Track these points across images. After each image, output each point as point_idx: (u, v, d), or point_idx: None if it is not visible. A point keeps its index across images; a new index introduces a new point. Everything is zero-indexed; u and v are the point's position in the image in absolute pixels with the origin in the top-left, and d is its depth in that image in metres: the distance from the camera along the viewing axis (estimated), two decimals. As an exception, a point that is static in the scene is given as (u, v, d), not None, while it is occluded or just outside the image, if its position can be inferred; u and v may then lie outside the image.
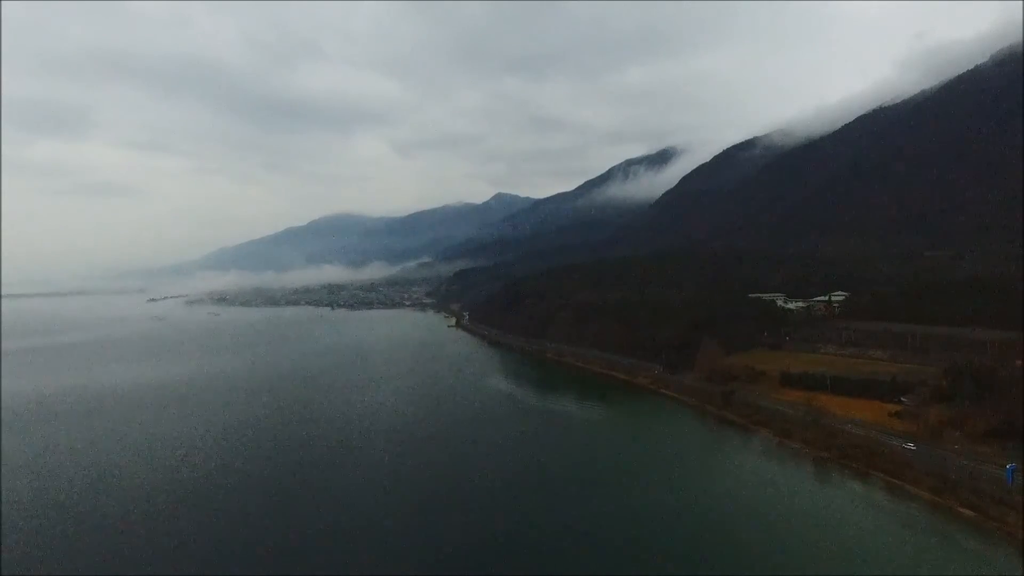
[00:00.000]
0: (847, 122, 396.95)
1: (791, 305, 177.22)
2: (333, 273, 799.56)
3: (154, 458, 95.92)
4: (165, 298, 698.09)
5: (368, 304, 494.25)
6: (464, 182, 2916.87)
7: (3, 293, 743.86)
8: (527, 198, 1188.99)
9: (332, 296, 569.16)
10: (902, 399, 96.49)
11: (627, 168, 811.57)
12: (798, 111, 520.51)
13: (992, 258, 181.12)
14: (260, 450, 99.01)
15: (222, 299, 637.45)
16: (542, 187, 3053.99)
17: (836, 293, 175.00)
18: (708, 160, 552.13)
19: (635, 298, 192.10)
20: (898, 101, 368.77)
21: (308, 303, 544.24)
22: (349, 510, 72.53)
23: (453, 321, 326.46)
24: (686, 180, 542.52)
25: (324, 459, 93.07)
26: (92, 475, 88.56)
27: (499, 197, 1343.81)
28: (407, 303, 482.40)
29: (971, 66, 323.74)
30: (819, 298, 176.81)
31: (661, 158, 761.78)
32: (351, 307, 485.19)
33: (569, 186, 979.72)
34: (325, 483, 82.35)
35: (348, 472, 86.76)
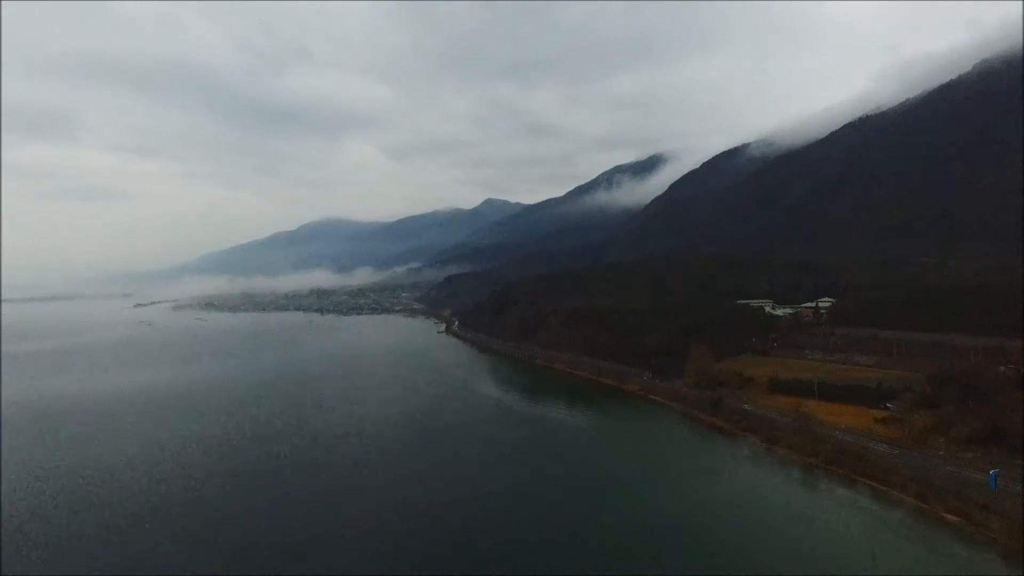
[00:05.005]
0: (833, 130, 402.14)
1: (779, 311, 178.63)
2: (322, 278, 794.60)
3: (139, 464, 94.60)
4: (152, 303, 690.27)
5: (357, 310, 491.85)
6: (454, 187, 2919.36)
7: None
8: (517, 204, 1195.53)
9: (321, 301, 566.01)
10: (888, 405, 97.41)
11: (616, 174, 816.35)
12: (785, 118, 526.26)
13: (976, 265, 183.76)
14: (246, 457, 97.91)
15: (209, 304, 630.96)
16: (532, 193, 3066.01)
17: (823, 299, 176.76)
18: (697, 167, 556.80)
19: (625, 304, 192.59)
20: (883, 110, 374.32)
21: (297, 308, 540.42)
22: (333, 519, 71.85)
23: (443, 327, 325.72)
24: (675, 186, 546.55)
25: (312, 468, 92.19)
26: (75, 482, 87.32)
27: (489, 202, 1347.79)
28: (397, 308, 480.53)
29: (954, 76, 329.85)
30: (806, 304, 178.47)
31: (650, 164, 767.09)
32: (340, 313, 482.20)
33: (559, 192, 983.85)
34: (313, 491, 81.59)
35: (335, 481, 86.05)
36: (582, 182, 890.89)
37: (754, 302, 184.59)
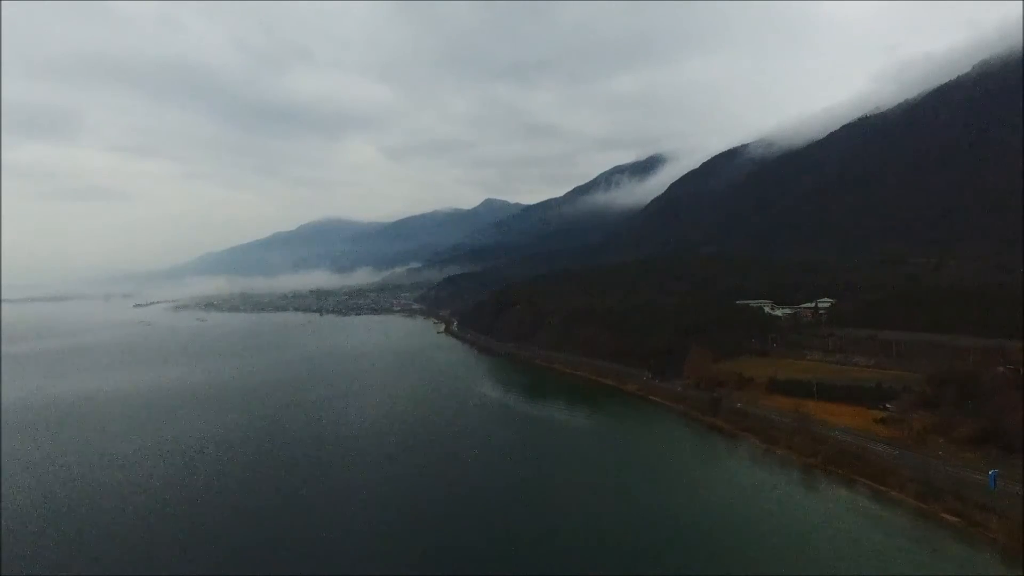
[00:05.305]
0: (833, 130, 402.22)
1: (778, 312, 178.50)
2: (322, 278, 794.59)
3: (141, 464, 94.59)
4: (152, 303, 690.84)
5: (357, 310, 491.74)
6: (454, 188, 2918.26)
7: None
8: (517, 204, 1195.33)
9: (320, 302, 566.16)
10: (887, 405, 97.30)
11: (616, 175, 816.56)
12: (785, 119, 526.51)
13: (976, 265, 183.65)
14: (248, 458, 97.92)
15: (209, 304, 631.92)
16: (532, 193, 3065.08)
17: (822, 300, 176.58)
18: (696, 167, 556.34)
19: (624, 304, 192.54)
20: (883, 110, 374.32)
21: (296, 309, 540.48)
22: (333, 520, 71.75)
23: (442, 327, 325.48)
24: (674, 187, 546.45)
25: (309, 469, 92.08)
26: (76, 482, 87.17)
27: (489, 203, 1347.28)
28: (396, 309, 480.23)
29: (953, 76, 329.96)
30: (805, 305, 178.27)
31: (649, 165, 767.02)
32: (339, 313, 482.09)
33: (559, 192, 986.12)
34: (310, 492, 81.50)
35: (333, 483, 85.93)
36: (582, 182, 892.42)
37: (754, 302, 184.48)
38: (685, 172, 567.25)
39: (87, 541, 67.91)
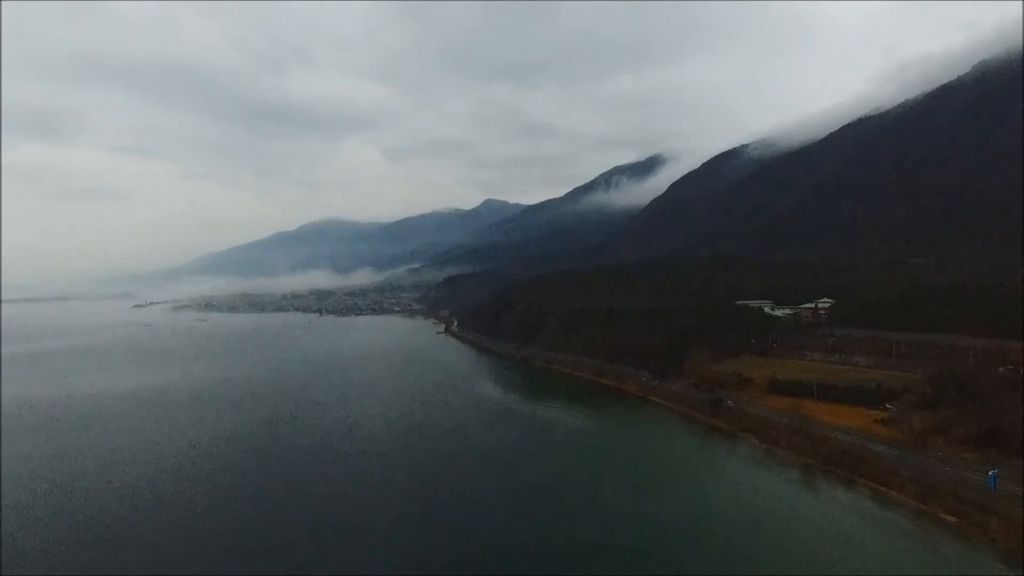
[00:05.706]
0: (832, 131, 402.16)
1: (778, 312, 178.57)
2: (321, 279, 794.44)
3: (135, 468, 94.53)
4: (151, 304, 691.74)
5: (357, 310, 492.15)
6: (453, 188, 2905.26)
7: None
8: (516, 204, 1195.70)
9: (320, 302, 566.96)
10: (887, 406, 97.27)
11: (616, 175, 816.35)
12: (784, 119, 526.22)
13: (976, 265, 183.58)
14: (243, 459, 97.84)
15: (209, 305, 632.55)
16: (532, 193, 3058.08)
17: (822, 300, 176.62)
18: (696, 167, 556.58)
19: (624, 305, 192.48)
20: (882, 111, 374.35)
21: (296, 309, 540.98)
22: (331, 520, 71.71)
23: (442, 327, 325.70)
24: (674, 187, 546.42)
25: (307, 469, 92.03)
26: (75, 483, 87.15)
27: (488, 203, 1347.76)
28: (396, 309, 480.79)
29: (952, 77, 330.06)
30: (806, 305, 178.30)
31: (649, 165, 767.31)
32: (339, 313, 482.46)
33: (559, 192, 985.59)
34: (307, 492, 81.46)
35: (330, 482, 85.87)
36: (581, 183, 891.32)
37: (753, 303, 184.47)
38: (685, 172, 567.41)
39: (88, 541, 67.85)
